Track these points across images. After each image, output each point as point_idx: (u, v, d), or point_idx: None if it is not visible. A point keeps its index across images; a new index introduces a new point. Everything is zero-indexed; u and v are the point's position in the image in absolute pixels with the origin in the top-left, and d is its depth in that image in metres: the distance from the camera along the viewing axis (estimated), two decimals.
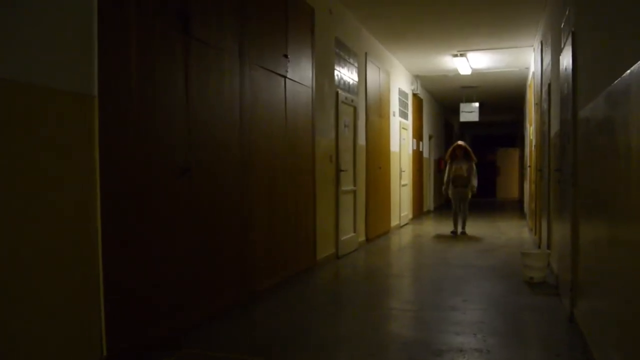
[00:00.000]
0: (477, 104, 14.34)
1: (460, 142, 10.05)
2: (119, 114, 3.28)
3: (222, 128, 4.40)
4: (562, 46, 4.74)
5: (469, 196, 9.86)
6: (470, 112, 14.27)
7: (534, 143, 9.24)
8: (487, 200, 20.56)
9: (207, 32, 4.18)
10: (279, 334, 3.98)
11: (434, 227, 11.59)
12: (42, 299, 2.74)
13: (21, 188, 2.63)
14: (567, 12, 4.61)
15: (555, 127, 5.63)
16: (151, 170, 3.57)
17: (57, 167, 2.84)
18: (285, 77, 5.55)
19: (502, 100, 16.26)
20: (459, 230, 10.00)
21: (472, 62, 10.87)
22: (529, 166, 10.80)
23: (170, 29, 3.77)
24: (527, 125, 11.86)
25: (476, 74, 11.96)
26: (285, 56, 5.54)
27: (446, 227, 11.11)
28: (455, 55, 10.38)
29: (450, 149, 10.02)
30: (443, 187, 10.18)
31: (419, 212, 13.64)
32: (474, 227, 10.93)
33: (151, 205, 3.57)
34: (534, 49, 9.51)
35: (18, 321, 2.61)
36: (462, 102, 14.56)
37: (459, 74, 11.79)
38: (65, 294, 2.88)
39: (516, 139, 21.79)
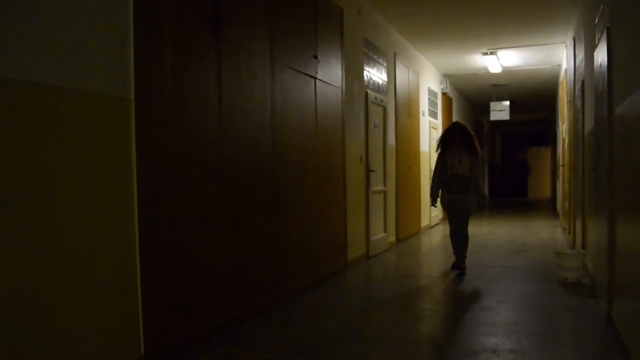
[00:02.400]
0: (507, 102, 14.15)
1: (458, 122, 6.64)
2: (154, 116, 3.35)
3: (253, 129, 4.44)
4: (597, 42, 4.66)
5: (473, 209, 6.23)
6: (500, 110, 14.09)
7: (567, 141, 9.08)
8: (518, 200, 20.28)
9: (238, 34, 4.23)
10: (311, 335, 4.00)
11: None
12: (83, 297, 2.82)
13: (62, 188, 2.71)
14: (601, 8, 4.52)
15: (589, 125, 5.53)
16: (185, 170, 3.63)
17: (97, 168, 2.91)
18: (315, 78, 5.57)
19: (533, 98, 16.01)
20: (459, 264, 6.25)
21: (502, 59, 10.73)
22: (562, 165, 10.61)
23: (203, 32, 3.83)
24: (560, 123, 11.66)
25: (506, 71, 11.80)
26: (315, 57, 5.56)
27: (476, 228, 10.98)
28: (485, 54, 10.27)
29: (443, 132, 6.62)
30: (430, 193, 6.46)
31: None
32: (505, 228, 10.79)
33: (185, 205, 3.63)
34: (566, 46, 9.35)
35: (61, 318, 2.69)
36: (492, 100, 14.38)
37: (489, 72, 11.65)
38: (105, 293, 2.96)
39: (548, 137, 21.42)
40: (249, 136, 4.38)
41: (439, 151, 6.28)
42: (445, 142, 6.25)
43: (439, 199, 6.33)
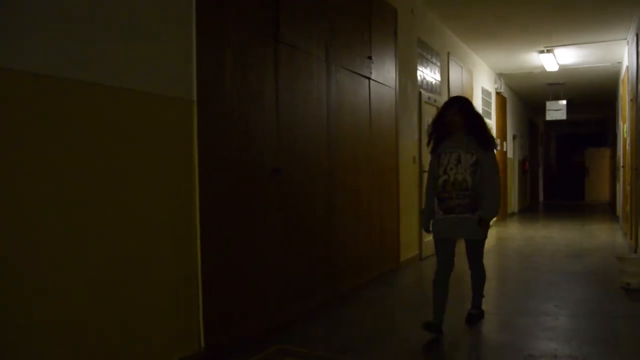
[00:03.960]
0: (564, 102, 13.74)
1: (458, 97, 4.20)
2: (214, 117, 3.43)
3: (310, 129, 4.49)
4: None
5: (481, 236, 3.97)
6: (557, 110, 13.70)
7: (628, 141, 8.75)
8: (575, 203, 19.67)
9: (295, 36, 4.28)
10: (363, 334, 4.00)
11: (519, 230, 11.22)
12: (149, 292, 2.93)
13: (134, 188, 2.83)
14: None
15: None
16: (243, 170, 3.71)
17: (163, 168, 3.02)
18: (369, 78, 5.57)
19: (591, 97, 15.48)
20: (435, 323, 3.82)
21: (559, 57, 10.44)
22: (623, 166, 10.23)
23: (261, 35, 3.90)
24: (620, 122, 11.24)
25: (563, 69, 11.47)
26: (370, 58, 5.57)
27: (531, 231, 10.73)
28: (542, 52, 10.01)
29: (436, 115, 4.14)
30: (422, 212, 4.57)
31: (502, 214, 13.24)
32: (562, 231, 10.48)
33: (243, 205, 3.70)
34: (627, 42, 9.01)
35: (129, 312, 2.80)
36: (548, 100, 13.99)
37: (545, 70, 11.35)
38: (169, 288, 3.06)
39: (607, 137, 20.68)
40: (306, 136, 4.43)
41: (431, 144, 4.01)
42: (438, 130, 3.94)
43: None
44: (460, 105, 3.90)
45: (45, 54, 2.39)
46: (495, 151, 3.95)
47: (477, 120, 3.88)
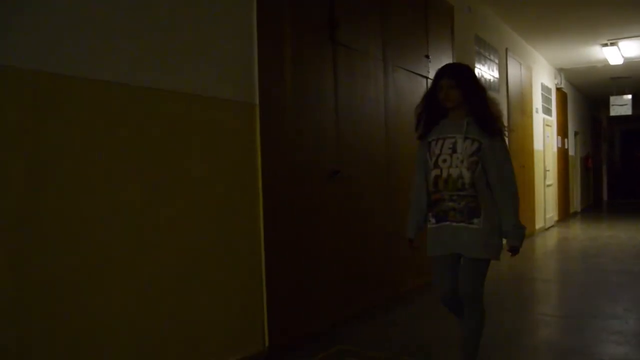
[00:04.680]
0: (629, 96, 13.18)
1: (453, 64, 3.32)
2: (275, 119, 3.50)
3: (368, 130, 4.50)
4: None
5: (487, 253, 2.71)
6: (622, 105, 13.16)
7: None
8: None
9: (352, 37, 4.30)
10: (422, 335, 3.98)
11: (582, 230, 10.85)
12: (218, 290, 3.03)
13: (201, 191, 2.94)
14: None
15: None
16: (304, 172, 3.75)
17: (230, 168, 3.13)
18: (426, 77, 5.52)
19: None
20: None
21: (623, 50, 10.03)
22: None
23: (319, 37, 3.94)
24: None
25: (628, 63, 10.99)
26: (427, 57, 5.52)
27: (596, 230, 10.36)
28: (605, 45, 9.64)
29: (428, 89, 2.92)
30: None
31: (564, 214, 12.83)
32: (628, 231, 10.06)
33: (303, 206, 3.75)
34: None
35: (198, 310, 2.90)
36: (612, 94, 13.46)
37: (608, 64, 10.92)
38: (235, 287, 3.15)
39: None
40: (364, 138, 4.44)
41: (419, 130, 2.95)
42: (430, 109, 2.85)
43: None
44: (457, 74, 2.76)
45: (126, 67, 2.52)
46: (506, 139, 2.84)
47: (480, 96, 2.77)
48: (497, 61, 7.93)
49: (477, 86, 2.81)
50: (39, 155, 2.22)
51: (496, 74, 7.88)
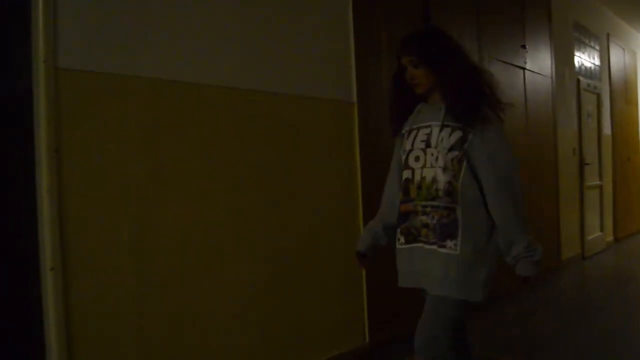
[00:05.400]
0: None
1: (418, 32, 2.15)
2: (373, 118, 3.49)
3: None
4: None
5: (456, 294, 1.97)
6: None
7: None
8: None
9: (446, 28, 4.19)
10: (526, 335, 3.85)
11: None
12: (325, 284, 3.13)
13: (306, 178, 3.06)
14: None
15: None
16: None
17: (333, 164, 3.22)
18: (524, 68, 5.32)
19: None
20: None
21: None
22: None
23: (413, 29, 3.88)
24: None
25: None
26: (524, 47, 5.31)
27: None
28: None
29: (393, 76, 2.16)
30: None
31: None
32: None
33: None
34: None
35: (305, 305, 3.00)
36: None
37: None
38: (337, 284, 3.20)
39: None
40: None
41: (392, 119, 2.25)
42: (401, 96, 2.14)
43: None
44: (419, 47, 2.01)
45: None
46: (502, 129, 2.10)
47: (458, 70, 1.98)
48: (598, 47, 7.49)
49: (453, 58, 2.00)
50: (158, 157, 2.36)
51: (597, 62, 7.45)
